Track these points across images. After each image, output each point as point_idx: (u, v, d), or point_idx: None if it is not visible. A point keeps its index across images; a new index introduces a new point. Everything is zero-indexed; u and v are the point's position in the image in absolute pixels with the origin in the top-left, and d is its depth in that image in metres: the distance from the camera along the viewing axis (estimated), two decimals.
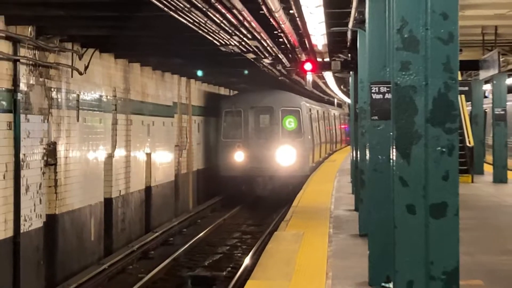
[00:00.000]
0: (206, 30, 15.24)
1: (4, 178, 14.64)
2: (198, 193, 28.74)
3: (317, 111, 36.75)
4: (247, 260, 19.36)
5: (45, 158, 16.79)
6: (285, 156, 26.87)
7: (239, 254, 20.89)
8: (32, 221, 15.93)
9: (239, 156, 27.05)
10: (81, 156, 19.16)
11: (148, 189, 24.82)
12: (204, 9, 12.76)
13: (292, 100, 28.33)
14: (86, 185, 19.58)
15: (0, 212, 14.54)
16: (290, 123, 27.31)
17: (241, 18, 14.17)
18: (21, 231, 15.34)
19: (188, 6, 12.41)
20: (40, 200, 16.54)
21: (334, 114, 53.28)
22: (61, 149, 17.72)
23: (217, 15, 13.64)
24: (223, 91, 33.53)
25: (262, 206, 27.64)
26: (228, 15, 13.65)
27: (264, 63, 22.49)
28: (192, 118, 28.22)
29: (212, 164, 29.08)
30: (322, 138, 39.20)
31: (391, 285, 8.03)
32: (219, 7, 12.75)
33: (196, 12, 13.05)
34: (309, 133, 28.58)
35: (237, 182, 27.17)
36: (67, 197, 18.13)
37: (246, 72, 28.31)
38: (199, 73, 28.09)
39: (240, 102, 27.96)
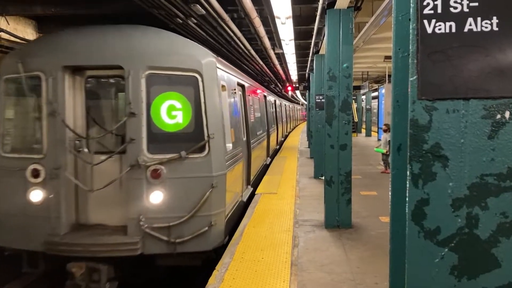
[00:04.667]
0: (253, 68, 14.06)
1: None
2: None
3: (275, 100, 15.85)
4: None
5: None
6: None
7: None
8: None
9: None
10: None
11: None
12: (249, 61, 12.34)
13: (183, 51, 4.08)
14: None
15: None
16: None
17: (261, 68, 13.91)
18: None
19: (253, 59, 11.62)
20: None
21: (293, 107, 32.47)
22: None
23: (253, 66, 13.23)
24: None
25: None
26: (257, 67, 13.36)
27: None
28: None
29: None
30: (289, 119, 23.55)
31: (322, 177, 7.83)
32: (254, 63, 12.46)
33: (255, 61, 12.07)
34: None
35: None
36: None
37: None
38: None
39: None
